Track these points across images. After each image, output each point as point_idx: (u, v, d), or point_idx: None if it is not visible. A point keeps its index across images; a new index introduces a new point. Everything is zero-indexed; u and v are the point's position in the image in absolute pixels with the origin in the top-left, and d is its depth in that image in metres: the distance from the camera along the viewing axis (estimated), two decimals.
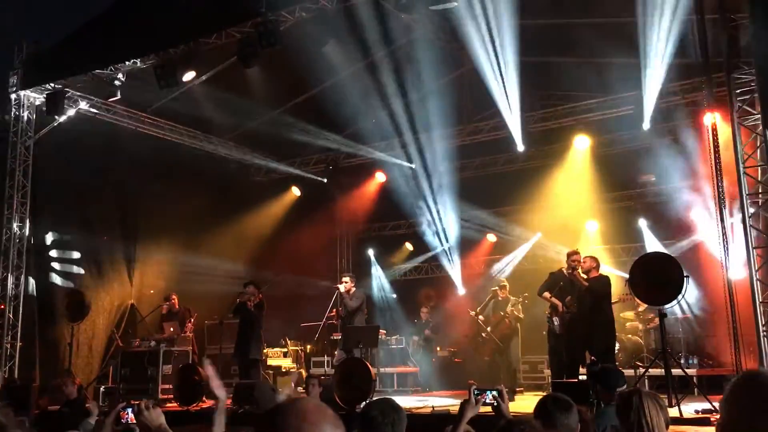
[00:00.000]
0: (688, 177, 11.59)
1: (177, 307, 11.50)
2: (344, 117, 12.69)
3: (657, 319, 9.28)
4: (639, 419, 3.17)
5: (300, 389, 11.86)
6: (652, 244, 12.89)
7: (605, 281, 9.06)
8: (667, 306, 8.41)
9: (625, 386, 5.45)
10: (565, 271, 9.27)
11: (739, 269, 8.27)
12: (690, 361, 10.84)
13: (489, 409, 3.86)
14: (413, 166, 14.47)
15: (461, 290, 14.93)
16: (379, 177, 15.39)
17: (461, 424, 3.66)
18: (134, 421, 3.23)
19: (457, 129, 13.66)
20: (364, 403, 7.14)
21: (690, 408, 7.30)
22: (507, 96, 11.37)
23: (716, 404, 7.23)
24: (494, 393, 3.83)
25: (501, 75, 10.95)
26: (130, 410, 3.32)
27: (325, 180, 15.67)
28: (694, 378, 9.73)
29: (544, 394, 6.85)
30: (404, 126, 13.05)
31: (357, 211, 15.89)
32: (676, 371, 8.30)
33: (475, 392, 3.80)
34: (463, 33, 10.43)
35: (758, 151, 8.40)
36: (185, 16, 9.84)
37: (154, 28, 10.16)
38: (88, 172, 11.83)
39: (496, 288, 11.55)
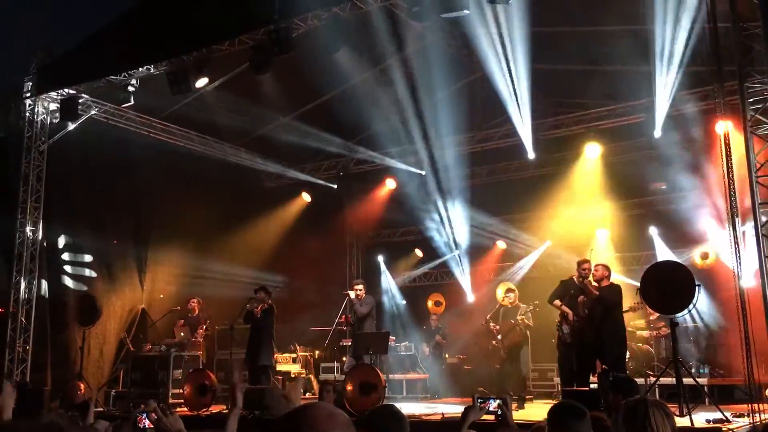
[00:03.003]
0: (699, 185, 11.54)
1: (196, 312, 11.50)
2: (355, 123, 12.72)
3: (668, 328, 9.23)
4: (644, 428, 3.16)
5: (309, 394, 11.93)
6: (664, 252, 12.83)
7: (616, 290, 9.02)
8: (678, 315, 8.38)
9: (638, 396, 5.42)
10: (575, 280, 9.25)
11: (752, 278, 8.21)
12: (701, 371, 10.78)
13: (491, 417, 3.87)
14: (423, 172, 14.49)
15: (471, 297, 14.91)
16: (390, 183, 15.40)
17: (463, 429, 3.67)
18: (152, 426, 3.23)
19: (468, 136, 13.67)
20: None
21: (701, 417, 7.26)
22: (518, 103, 11.38)
23: (728, 414, 7.20)
24: (498, 402, 3.83)
25: (512, 82, 10.97)
26: (146, 415, 3.32)
27: (336, 186, 15.70)
28: (706, 387, 9.67)
29: (554, 402, 6.85)
30: (415, 133, 13.07)
31: (367, 217, 15.90)
32: (687, 380, 8.24)
33: (479, 399, 3.82)
34: (474, 40, 10.45)
35: None
36: (198, 23, 9.90)
37: (167, 35, 10.23)
38: (100, 177, 11.94)
39: (503, 297, 11.31)
